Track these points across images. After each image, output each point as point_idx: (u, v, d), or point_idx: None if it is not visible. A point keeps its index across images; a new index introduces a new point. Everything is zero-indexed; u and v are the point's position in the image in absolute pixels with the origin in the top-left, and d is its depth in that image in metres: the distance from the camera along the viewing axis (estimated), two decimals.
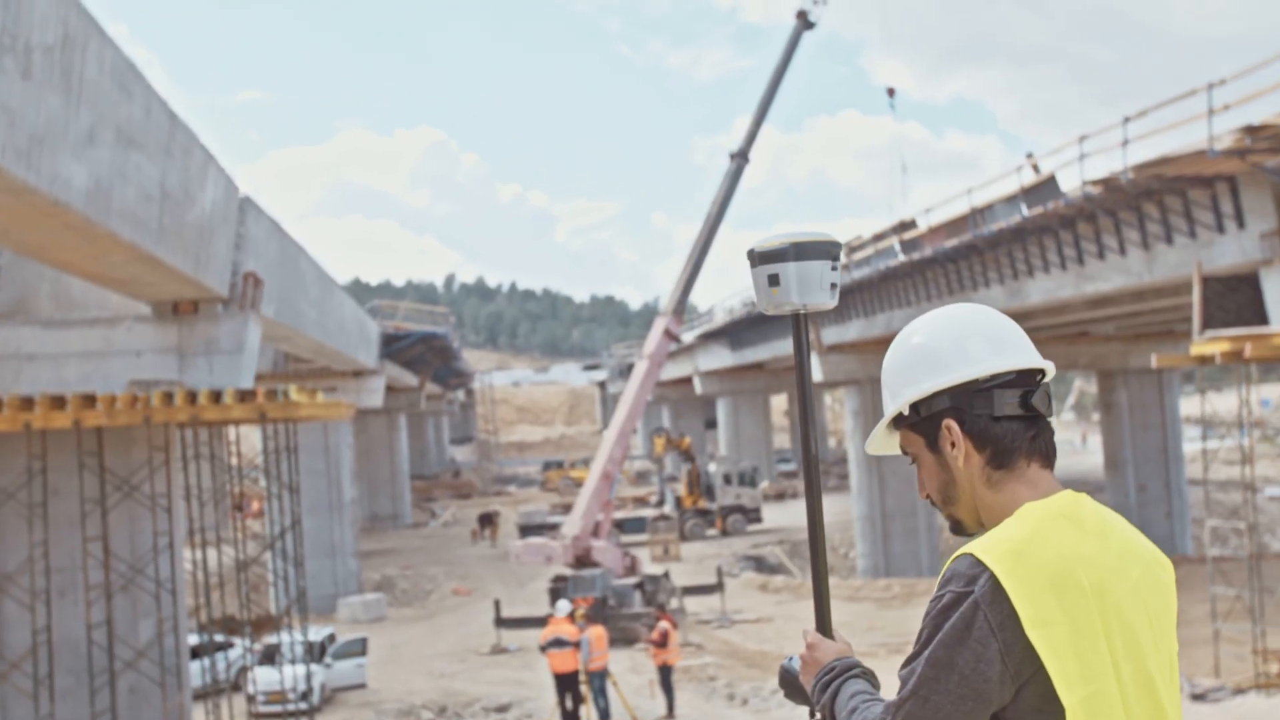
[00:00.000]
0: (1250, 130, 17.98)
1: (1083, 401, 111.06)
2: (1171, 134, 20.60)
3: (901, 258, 33.74)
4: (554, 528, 41.49)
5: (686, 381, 72.34)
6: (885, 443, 2.45)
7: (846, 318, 41.09)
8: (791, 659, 2.49)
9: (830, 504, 58.71)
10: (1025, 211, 25.38)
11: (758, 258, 2.54)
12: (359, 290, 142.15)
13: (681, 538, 47.35)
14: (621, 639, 27.77)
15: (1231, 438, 45.87)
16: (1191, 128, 19.83)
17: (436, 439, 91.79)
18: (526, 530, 46.79)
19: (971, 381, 2.24)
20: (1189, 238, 22.03)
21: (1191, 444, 60.81)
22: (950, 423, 2.24)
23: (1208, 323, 21.05)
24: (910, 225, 34.61)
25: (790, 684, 2.48)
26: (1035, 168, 26.55)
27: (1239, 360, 19.88)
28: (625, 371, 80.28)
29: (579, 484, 63.43)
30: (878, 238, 36.99)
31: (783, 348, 50.16)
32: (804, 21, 38.35)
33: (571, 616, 21.43)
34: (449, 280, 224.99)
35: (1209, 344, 20.26)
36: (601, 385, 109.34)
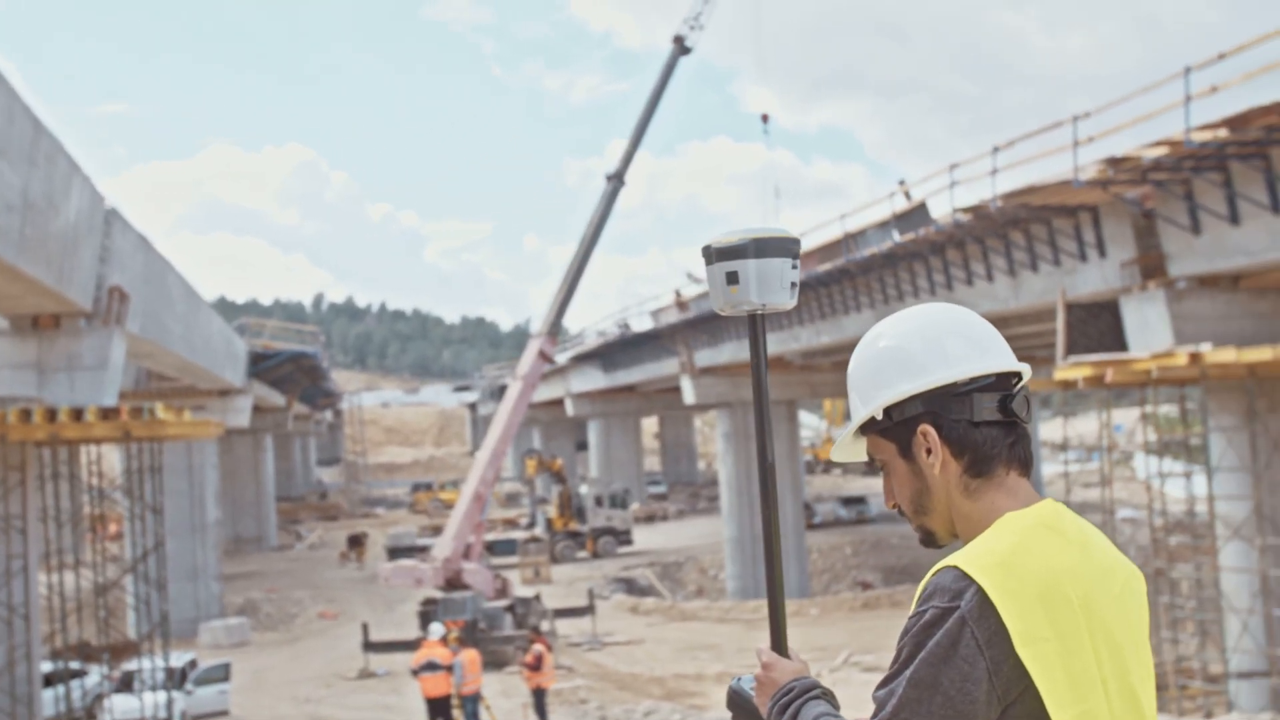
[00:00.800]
0: (1113, 162, 18.52)
1: None
2: (1038, 164, 21.17)
3: None
4: (424, 550, 41.00)
5: (558, 403, 72.20)
6: (851, 449, 2.30)
7: (720, 340, 41.41)
8: (740, 679, 2.34)
9: (700, 526, 59.13)
10: (897, 237, 25.83)
11: (715, 254, 2.39)
12: (225, 308, 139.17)
13: (552, 560, 47.15)
14: (492, 662, 27.48)
15: (1090, 461, 47.17)
16: (1057, 159, 20.39)
17: (303, 460, 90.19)
18: (395, 552, 46.14)
19: (949, 385, 2.09)
20: (1054, 265, 22.62)
21: (1049, 467, 62.53)
22: (927, 428, 2.10)
23: (1071, 348, 21.60)
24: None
25: (741, 706, 2.32)
26: (907, 194, 27.06)
27: (1100, 385, 20.43)
28: (496, 393, 79.83)
29: (448, 506, 62.85)
30: None
31: (654, 370, 50.36)
32: (680, 47, 38.59)
33: (444, 640, 21.15)
34: (318, 299, 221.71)
35: (1072, 369, 20.78)
36: (472, 407, 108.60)
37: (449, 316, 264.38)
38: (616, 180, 37.14)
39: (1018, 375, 2.15)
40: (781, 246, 2.38)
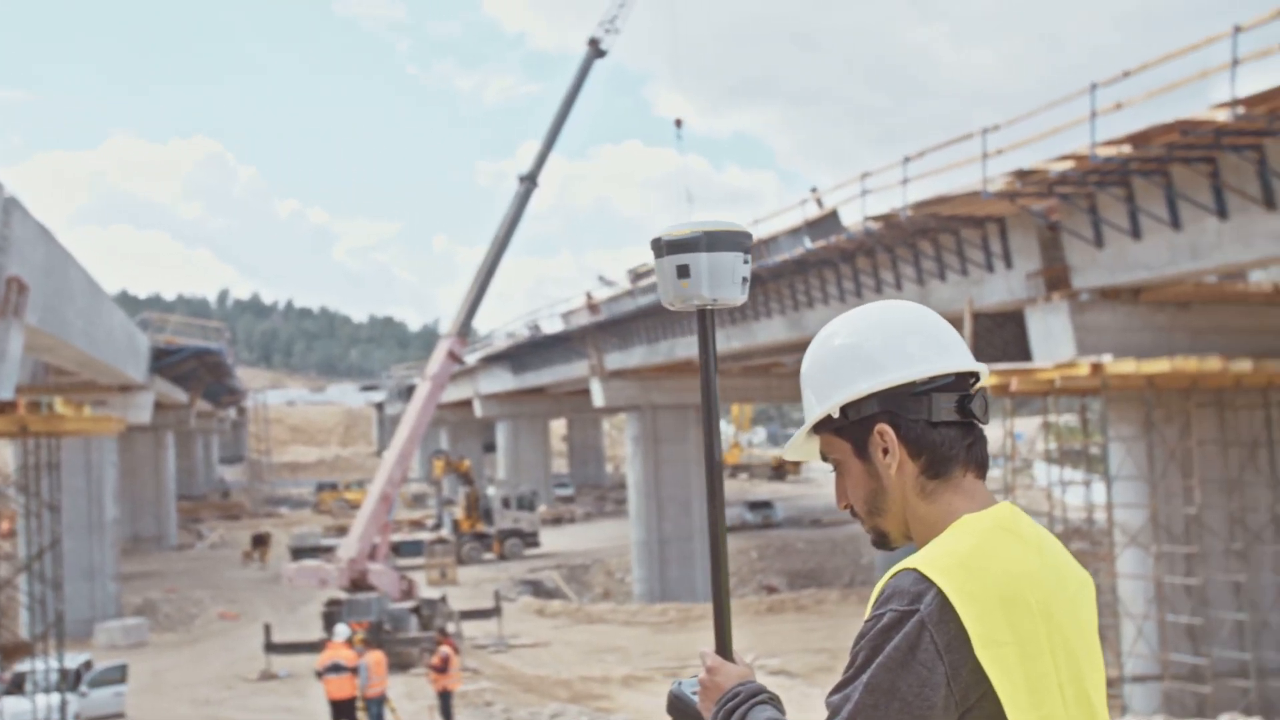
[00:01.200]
0: (1020, 174, 18.87)
1: None
2: (948, 175, 21.46)
3: None
4: (328, 550, 40.54)
5: (466, 404, 71.82)
6: (804, 448, 2.23)
7: (630, 344, 41.47)
8: (680, 683, 2.27)
9: (608, 529, 59.13)
10: (809, 244, 26.05)
11: (665, 247, 2.31)
12: (128, 303, 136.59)
13: (459, 561, 46.86)
14: (398, 664, 27.25)
15: (992, 468, 47.83)
16: (966, 170, 20.70)
17: (206, 458, 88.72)
18: (299, 553, 45.57)
19: (908, 384, 2.04)
20: (961, 275, 22.97)
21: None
22: (884, 428, 2.04)
23: (977, 357, 21.86)
24: None
25: (682, 711, 2.24)
26: (819, 202, 27.31)
27: (1005, 394, 20.76)
28: (404, 393, 79.19)
29: (353, 506, 62.20)
30: None
31: (564, 372, 50.32)
32: (595, 49, 38.58)
33: (350, 641, 20.93)
34: (223, 296, 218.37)
35: None
36: (379, 406, 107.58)
37: (357, 315, 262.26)
38: (529, 181, 37.04)
39: (975, 376, 2.11)
40: (733, 240, 2.31)
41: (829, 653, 29.09)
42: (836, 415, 2.09)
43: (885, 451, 2.05)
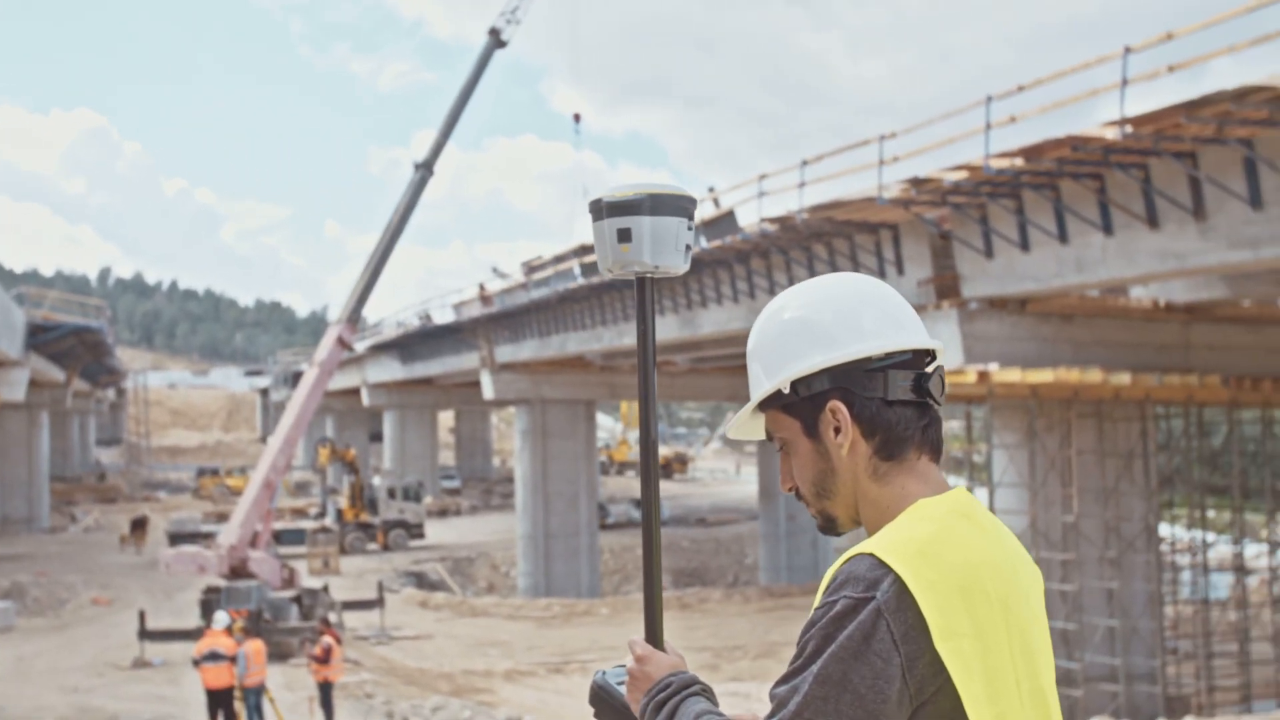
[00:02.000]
0: (915, 182, 19.13)
1: None
2: (844, 181, 21.71)
3: (581, 280, 34.17)
4: (208, 536, 39.79)
5: (354, 393, 70.96)
6: (749, 426, 2.13)
7: (521, 337, 41.30)
8: (604, 672, 2.16)
9: (494, 522, 58.85)
10: (704, 244, 26.15)
11: (606, 209, 2.18)
12: (1, 276, 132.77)
13: (342, 551, 46.29)
14: (277, 653, 26.81)
15: None
16: (862, 176, 20.95)
17: (82, 439, 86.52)
18: (177, 538, 44.58)
19: (863, 359, 1.93)
20: None
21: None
22: (837, 405, 1.93)
23: None
24: (591, 249, 35.03)
25: (606, 702, 2.13)
26: (716, 202, 27.44)
27: None
28: (290, 379, 78.02)
29: (235, 492, 61.13)
30: (558, 259, 37.38)
31: (454, 363, 49.96)
32: (496, 39, 38.35)
33: (229, 629, 20.54)
34: (104, 274, 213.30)
35: None
36: (264, 392, 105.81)
37: (243, 299, 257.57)
38: (425, 169, 36.71)
39: (931, 354, 2.01)
40: (678, 205, 2.19)
41: (712, 651, 29.27)
42: (786, 391, 1.98)
43: (837, 430, 1.95)
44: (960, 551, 1.80)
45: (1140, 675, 21.10)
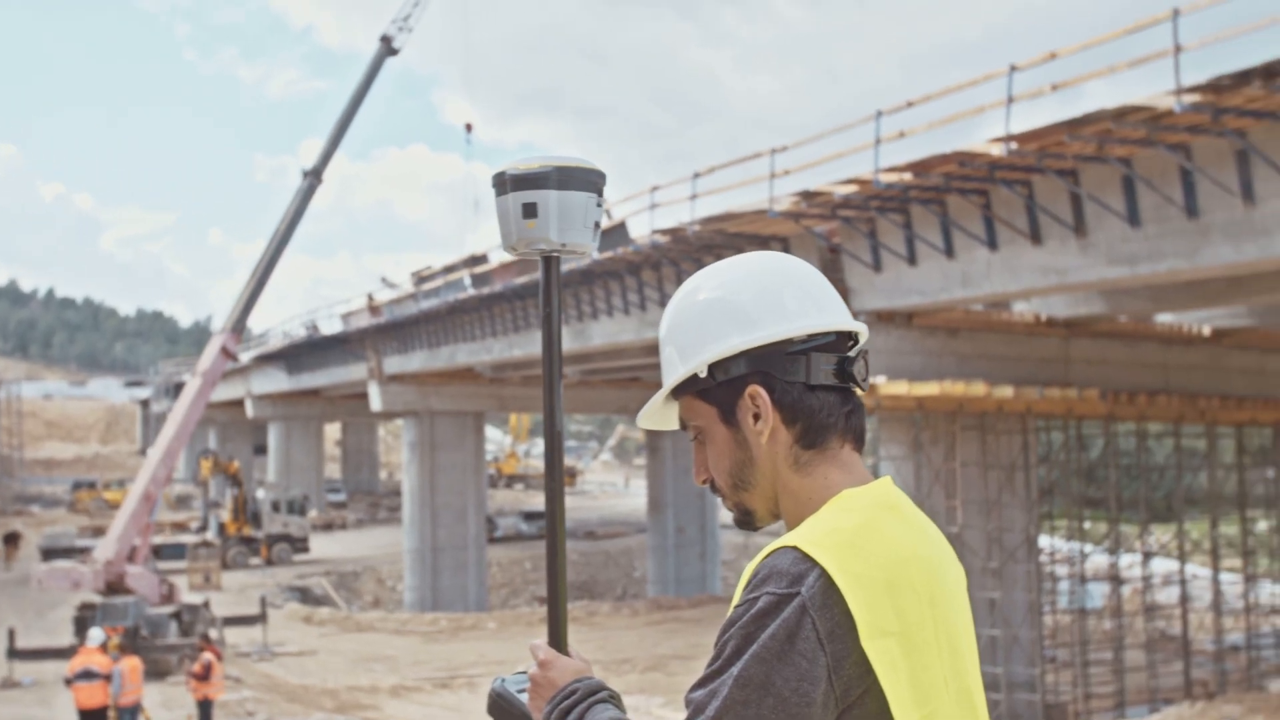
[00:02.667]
0: (806, 195, 19.31)
1: (624, 445, 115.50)
2: (736, 193, 21.82)
3: (471, 291, 33.93)
4: (84, 551, 38.73)
5: (238, 404, 69.65)
6: (661, 415, 2.00)
7: (410, 348, 40.88)
8: (503, 679, 2.05)
9: (380, 536, 58.15)
10: (596, 255, 26.11)
11: (511, 182, 2.07)
12: None
13: (224, 566, 45.35)
14: (155, 671, 26.14)
15: None
16: (754, 189, 21.08)
17: None
18: (50, 553, 43.33)
19: (784, 341, 1.82)
20: None
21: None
22: (757, 390, 1.82)
23: None
24: (482, 259, 34.90)
25: (506, 711, 2.01)
26: (608, 213, 27.41)
27: None
28: (171, 390, 76.43)
29: (113, 506, 59.61)
30: (448, 269, 37.08)
31: (341, 374, 49.30)
32: (387, 47, 38.01)
33: (104, 647, 19.96)
34: None
35: None
36: (144, 403, 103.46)
37: (124, 308, 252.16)
38: (314, 177, 36.20)
39: (854, 337, 1.91)
40: (586, 179, 2.08)
41: (600, 664, 29.15)
42: (703, 375, 1.86)
43: (756, 417, 1.83)
44: (887, 545, 1.71)
45: (1020, 683, 21.46)
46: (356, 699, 25.81)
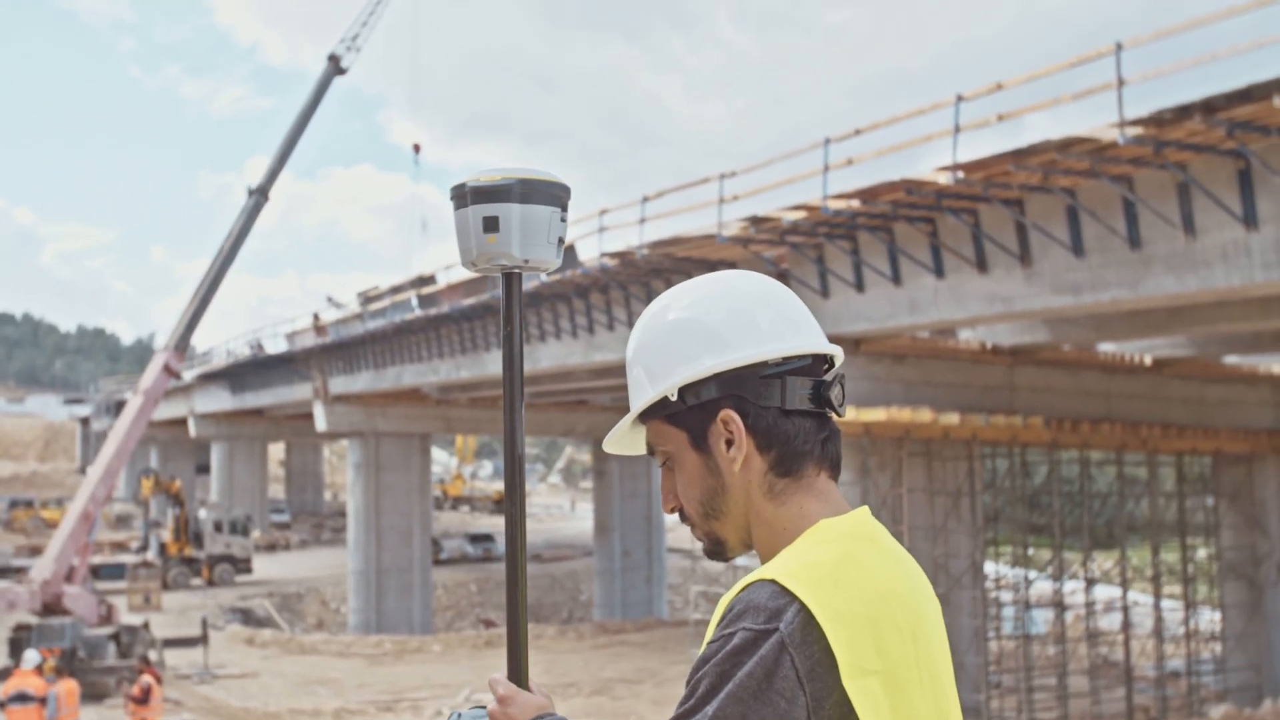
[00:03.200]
0: (755, 221, 19.38)
1: (571, 469, 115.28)
2: (685, 218, 21.87)
3: (418, 312, 33.80)
4: (20, 571, 38.11)
5: (181, 423, 68.90)
6: (628, 439, 1.92)
7: (356, 368, 40.63)
8: (459, 714, 1.96)
9: (324, 557, 57.63)
10: (544, 278, 26.08)
11: (471, 194, 1.98)
12: None
13: (164, 586, 44.71)
14: (93, 694, 25.71)
15: None
16: (703, 214, 21.15)
17: None
18: None
19: (759, 364, 1.74)
20: None
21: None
22: (730, 414, 1.73)
23: None
24: (430, 280, 34.78)
25: None
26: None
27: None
28: (112, 408, 75.42)
29: (50, 525, 58.72)
30: (395, 290, 36.92)
31: (286, 394, 48.91)
32: (335, 65, 37.85)
33: (40, 669, 19.61)
34: None
35: None
36: (84, 421, 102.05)
37: (64, 324, 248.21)
38: (260, 195, 35.94)
39: (829, 361, 1.83)
40: (550, 193, 2.00)
41: (545, 688, 28.94)
42: (674, 398, 1.77)
43: (729, 443, 1.74)
44: (868, 579, 1.63)
45: (966, 709, 21.54)
46: None
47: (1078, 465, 25.88)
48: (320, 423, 43.51)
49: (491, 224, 1.97)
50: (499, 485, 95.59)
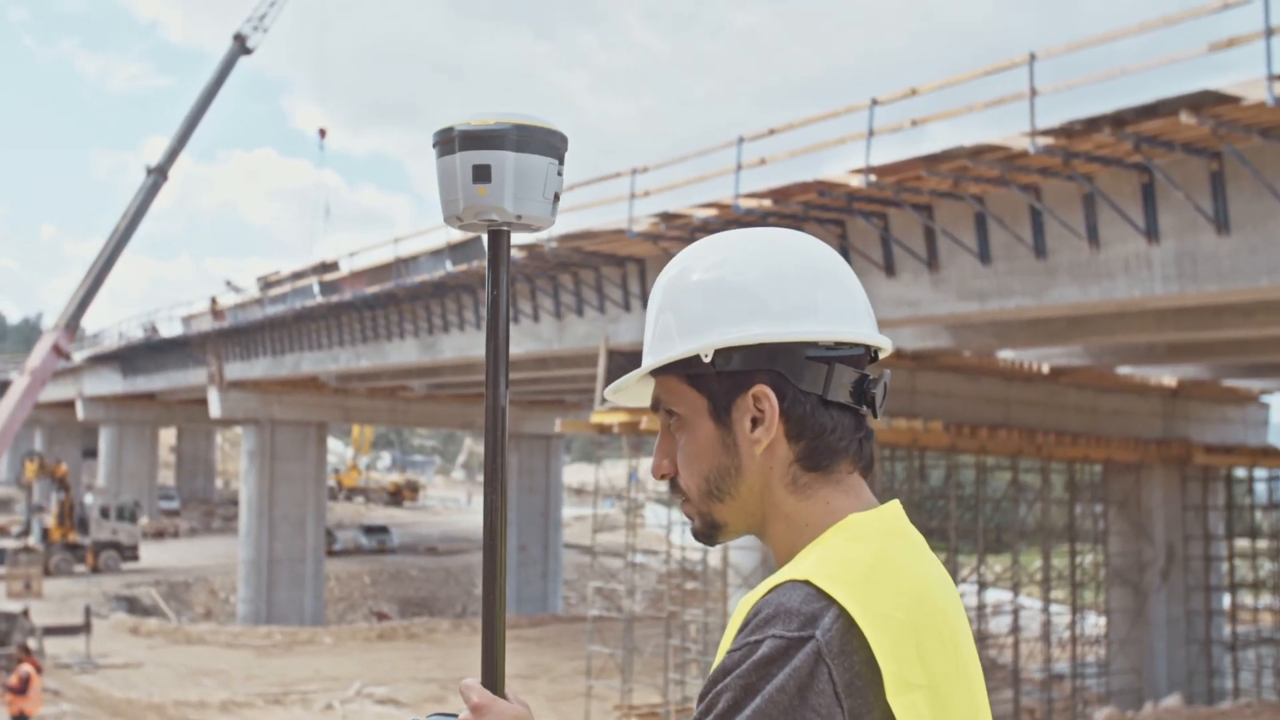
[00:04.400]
0: (666, 217, 19.32)
1: (470, 462, 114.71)
2: (596, 212, 21.76)
3: (320, 299, 33.28)
4: None
5: (69, 405, 67.20)
6: (635, 391, 1.71)
7: (254, 354, 39.91)
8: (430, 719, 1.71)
9: (214, 546, 56.60)
10: (450, 267, 25.83)
11: (460, 139, 1.74)
12: None
13: (46, 573, 43.55)
14: None
15: (607, 506, 48.96)
16: (614, 208, 21.06)
17: None
18: None
19: (808, 344, 1.54)
20: (599, 312, 23.30)
21: (569, 510, 64.44)
22: (766, 392, 1.53)
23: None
24: (333, 267, 34.30)
25: None
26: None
27: (635, 432, 21.17)
28: None
29: None
30: (297, 276, 36.36)
31: (180, 378, 47.91)
32: (241, 45, 37.22)
33: None
34: None
35: (609, 414, 21.43)
36: None
37: None
38: (159, 174, 35.24)
39: (872, 356, 1.64)
40: (547, 142, 1.77)
41: (439, 683, 28.72)
42: (706, 359, 1.55)
43: (755, 422, 1.54)
44: (908, 580, 1.45)
45: None
46: (184, 714, 24.98)
47: (974, 470, 26.23)
48: (215, 409, 42.68)
49: (483, 173, 1.74)
50: (394, 477, 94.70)
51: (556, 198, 1.80)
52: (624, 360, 22.79)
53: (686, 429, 1.59)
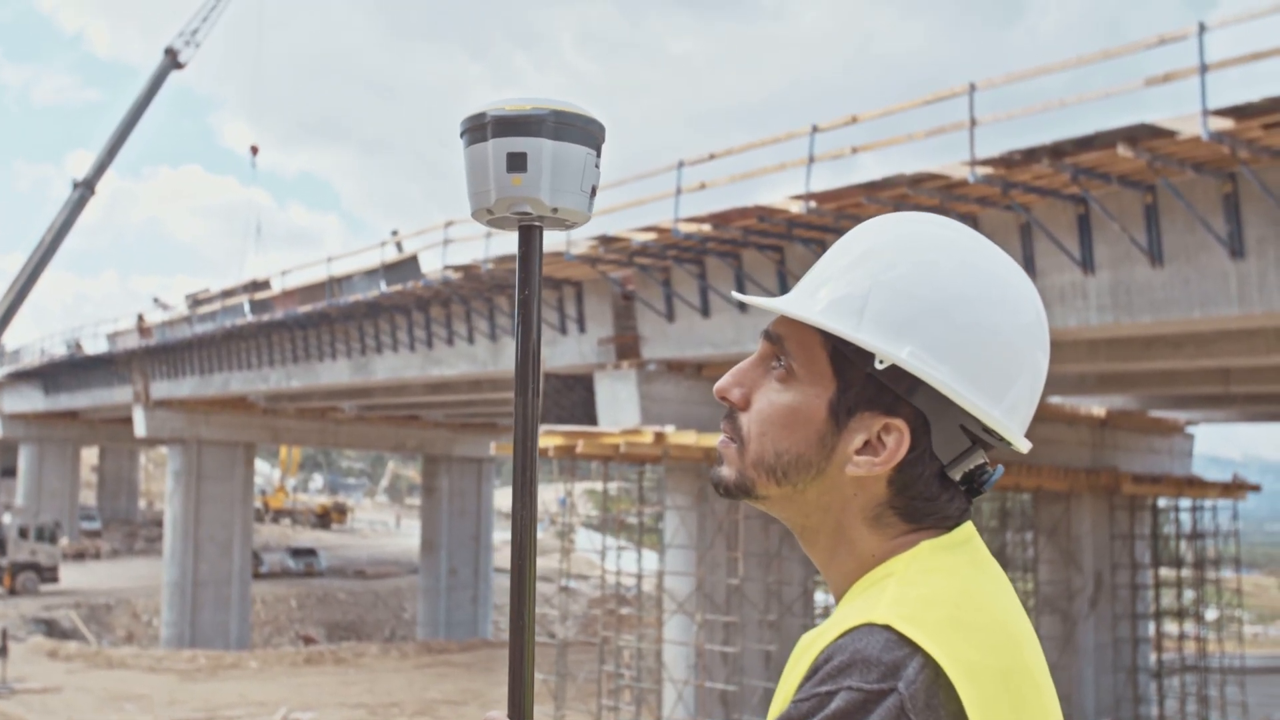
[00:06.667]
0: (604, 240, 19.25)
1: (396, 485, 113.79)
2: None
3: (250, 317, 32.81)
4: None
5: None
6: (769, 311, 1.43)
7: (181, 373, 39.29)
8: None
9: (137, 568, 55.63)
10: (384, 288, 25.57)
11: (493, 126, 1.61)
12: None
13: None
14: None
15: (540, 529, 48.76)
16: (550, 231, 20.90)
17: None
18: None
19: (971, 417, 1.34)
20: None
21: (500, 533, 64.01)
22: (903, 430, 1.33)
23: (544, 417, 22.12)
24: (264, 285, 33.84)
25: None
26: (399, 246, 26.90)
27: (570, 455, 21.02)
28: None
29: None
30: (226, 294, 35.84)
31: (104, 396, 47.05)
32: (172, 60, 36.77)
33: None
34: None
35: (545, 437, 21.26)
36: None
37: None
38: (86, 188, 34.71)
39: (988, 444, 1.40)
40: (586, 131, 1.64)
41: (367, 708, 28.31)
42: (879, 365, 1.32)
43: (867, 444, 1.34)
44: (996, 621, 1.27)
45: None
46: None
47: None
48: (140, 428, 41.92)
49: (518, 162, 1.60)
50: (323, 499, 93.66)
51: (594, 192, 1.66)
52: (560, 384, 22.68)
53: (788, 389, 1.38)
